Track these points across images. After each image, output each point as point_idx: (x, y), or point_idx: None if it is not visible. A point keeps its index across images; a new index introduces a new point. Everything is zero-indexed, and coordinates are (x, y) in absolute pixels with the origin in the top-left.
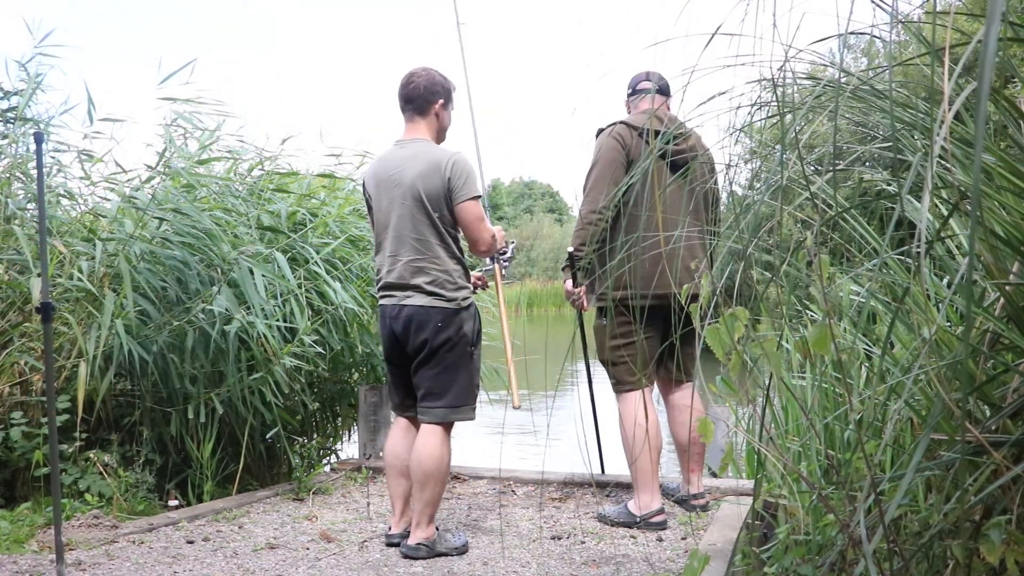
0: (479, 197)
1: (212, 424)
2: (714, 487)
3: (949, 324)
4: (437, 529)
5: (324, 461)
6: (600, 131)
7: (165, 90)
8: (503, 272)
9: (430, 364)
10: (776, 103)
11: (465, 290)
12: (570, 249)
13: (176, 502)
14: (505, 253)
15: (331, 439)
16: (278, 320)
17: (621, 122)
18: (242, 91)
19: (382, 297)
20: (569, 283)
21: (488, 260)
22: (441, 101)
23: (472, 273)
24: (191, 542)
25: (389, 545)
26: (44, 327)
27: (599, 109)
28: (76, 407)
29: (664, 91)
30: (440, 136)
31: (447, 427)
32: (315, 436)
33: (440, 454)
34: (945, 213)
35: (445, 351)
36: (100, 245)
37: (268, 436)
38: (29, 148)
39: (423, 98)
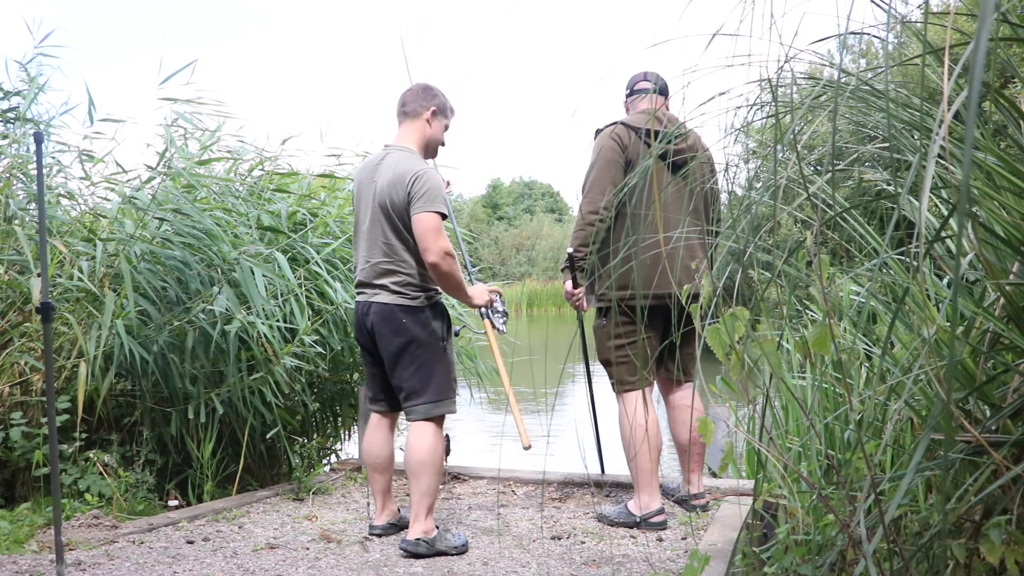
0: (439, 213)
1: (212, 424)
2: (714, 487)
3: (949, 324)
4: (437, 528)
5: (324, 461)
6: (598, 131)
7: (166, 90)
8: (497, 327)
9: (404, 363)
10: (774, 103)
11: (431, 291)
12: (569, 250)
13: (176, 502)
14: (495, 306)
15: (331, 439)
16: (278, 320)
17: (619, 122)
18: (242, 91)
19: (357, 295)
20: (569, 284)
21: (480, 314)
22: (433, 109)
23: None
24: (191, 542)
25: (371, 534)
26: (44, 327)
27: (601, 108)
28: (76, 407)
29: (663, 91)
30: (430, 148)
31: (437, 421)
32: (315, 436)
33: (432, 444)
34: (945, 213)
35: (416, 348)
36: (100, 245)
37: (268, 436)
38: (29, 148)
39: (416, 102)
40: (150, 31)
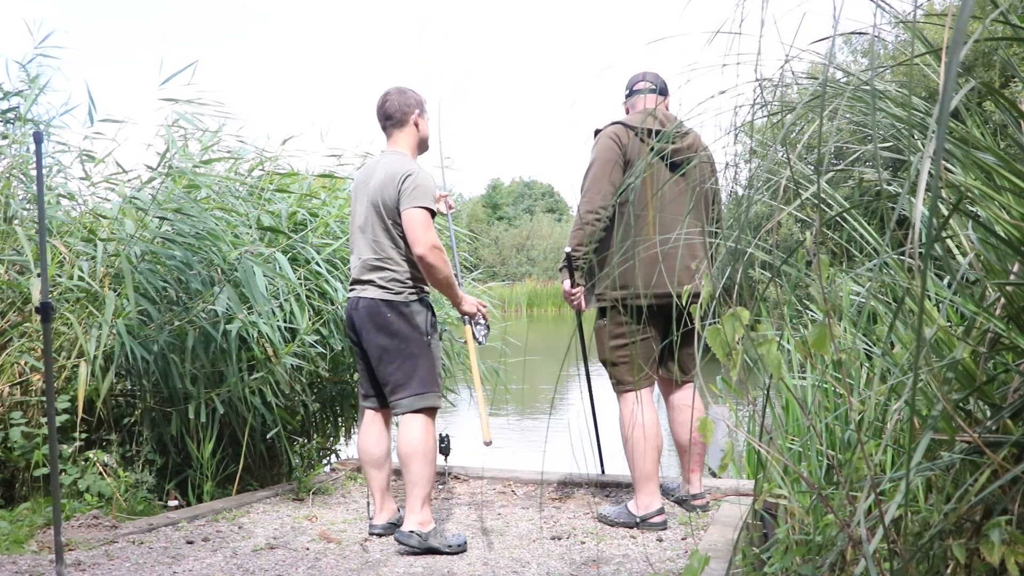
0: (428, 209)
1: (212, 424)
2: (714, 487)
3: (949, 324)
4: (435, 523)
5: (324, 461)
6: (598, 132)
7: (167, 91)
8: (478, 338)
9: (388, 358)
10: (769, 103)
11: (417, 287)
12: (567, 250)
13: (176, 502)
14: (478, 322)
15: (331, 439)
16: (278, 320)
17: (618, 122)
18: (242, 91)
19: (348, 291)
20: (567, 284)
21: (463, 320)
22: (417, 111)
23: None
24: (191, 542)
25: (371, 534)
26: (44, 327)
27: (600, 107)
28: (76, 407)
29: (663, 91)
30: (422, 145)
31: (427, 413)
32: (315, 436)
33: (421, 436)
34: (945, 213)
35: (400, 343)
36: (101, 245)
37: (268, 436)
38: (29, 148)
39: (401, 111)
40: (150, 31)
